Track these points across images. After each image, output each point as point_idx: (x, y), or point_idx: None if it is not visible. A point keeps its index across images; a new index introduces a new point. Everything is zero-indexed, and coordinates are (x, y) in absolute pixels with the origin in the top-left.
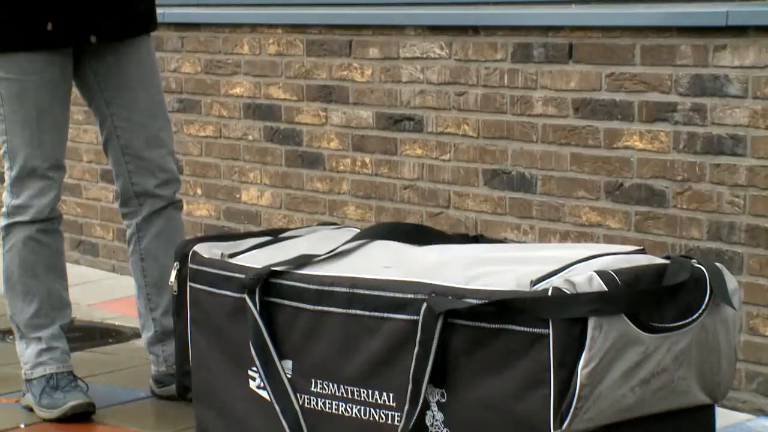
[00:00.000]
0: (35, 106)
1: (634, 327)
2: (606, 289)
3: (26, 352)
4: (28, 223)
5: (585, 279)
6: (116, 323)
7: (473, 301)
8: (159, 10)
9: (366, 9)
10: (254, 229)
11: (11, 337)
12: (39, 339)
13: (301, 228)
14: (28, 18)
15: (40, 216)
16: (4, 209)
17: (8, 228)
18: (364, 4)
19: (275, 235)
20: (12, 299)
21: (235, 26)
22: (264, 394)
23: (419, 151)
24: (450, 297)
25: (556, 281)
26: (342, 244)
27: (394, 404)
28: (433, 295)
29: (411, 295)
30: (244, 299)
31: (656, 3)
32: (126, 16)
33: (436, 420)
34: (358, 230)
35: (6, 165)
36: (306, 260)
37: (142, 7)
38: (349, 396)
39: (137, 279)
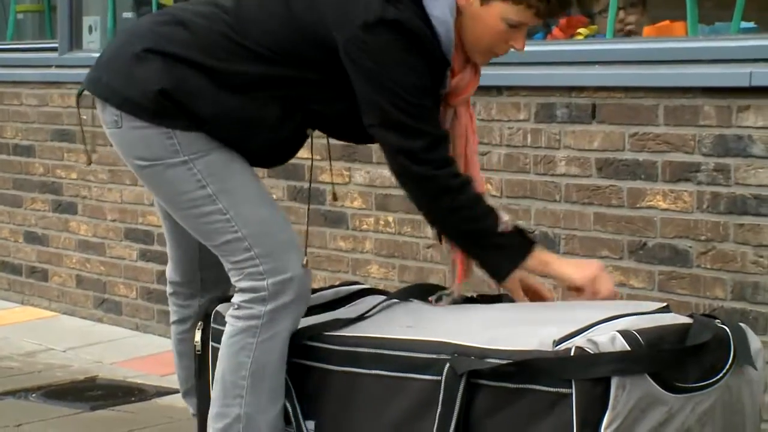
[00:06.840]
0: None
1: (658, 387)
2: (629, 348)
3: None
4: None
5: (608, 339)
6: (139, 381)
7: (496, 361)
8: None
9: None
10: None
11: (33, 395)
12: None
13: (324, 288)
14: None
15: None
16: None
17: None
18: None
19: None
20: (255, 395)
21: None
22: None
23: None
24: (472, 357)
25: (579, 341)
26: (370, 308)
27: None
28: (456, 355)
29: (434, 355)
30: None
31: (680, 64)
32: None
33: None
34: (384, 293)
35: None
36: (333, 323)
37: None
38: None
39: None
